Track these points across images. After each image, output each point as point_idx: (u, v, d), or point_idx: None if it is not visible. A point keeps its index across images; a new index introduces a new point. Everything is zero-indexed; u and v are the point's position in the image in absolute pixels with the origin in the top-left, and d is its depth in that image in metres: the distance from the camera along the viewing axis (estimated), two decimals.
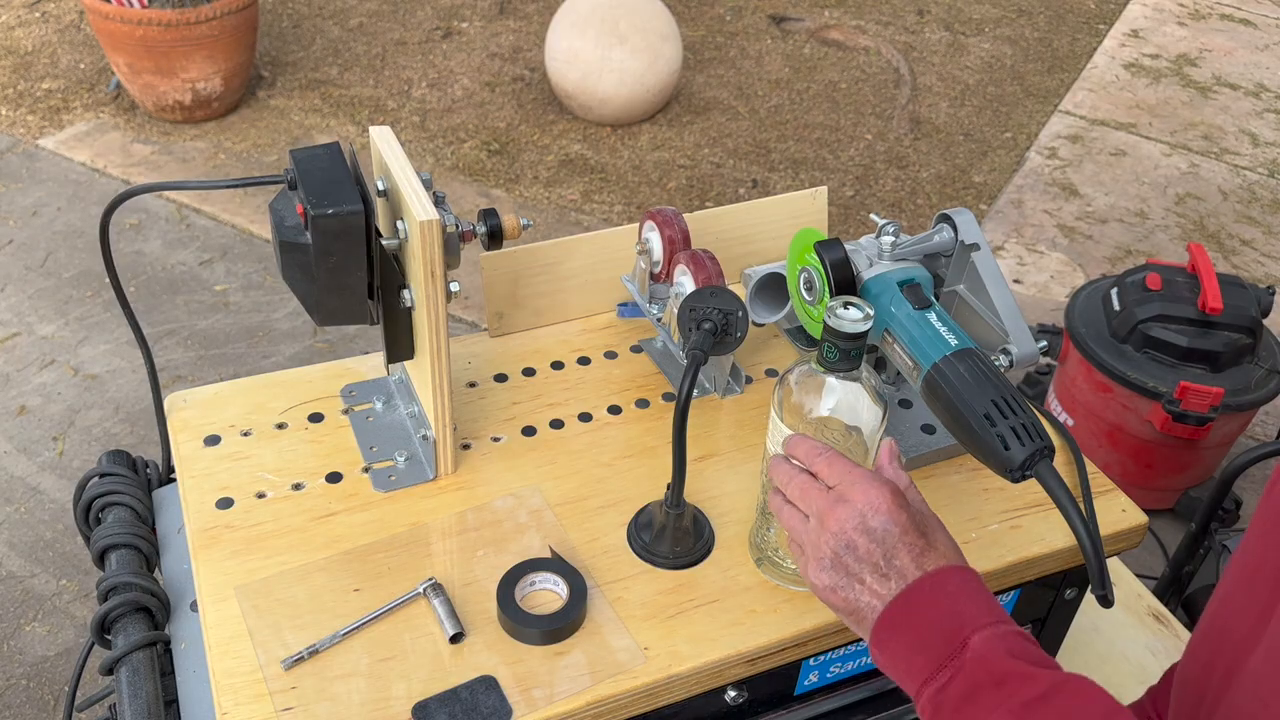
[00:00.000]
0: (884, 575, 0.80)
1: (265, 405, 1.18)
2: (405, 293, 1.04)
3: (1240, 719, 0.69)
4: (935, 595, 0.75)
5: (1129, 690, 1.25)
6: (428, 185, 0.99)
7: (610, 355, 1.29)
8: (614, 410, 1.21)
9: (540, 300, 1.29)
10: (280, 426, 1.16)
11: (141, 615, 1.01)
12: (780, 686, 1.05)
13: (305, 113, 3.75)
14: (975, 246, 1.11)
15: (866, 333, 0.89)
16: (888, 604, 0.77)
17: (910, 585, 0.76)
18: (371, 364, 1.24)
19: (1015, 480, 0.92)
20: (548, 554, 1.03)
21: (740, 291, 1.26)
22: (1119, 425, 2.29)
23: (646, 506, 1.07)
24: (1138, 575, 1.51)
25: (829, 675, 1.07)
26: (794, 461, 0.90)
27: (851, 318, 0.88)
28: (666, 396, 1.24)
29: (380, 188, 1.04)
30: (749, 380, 1.26)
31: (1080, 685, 0.69)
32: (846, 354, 0.90)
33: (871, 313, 0.89)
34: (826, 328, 0.89)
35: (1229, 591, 0.80)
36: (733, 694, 1.01)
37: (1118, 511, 1.13)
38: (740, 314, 1.07)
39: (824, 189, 1.37)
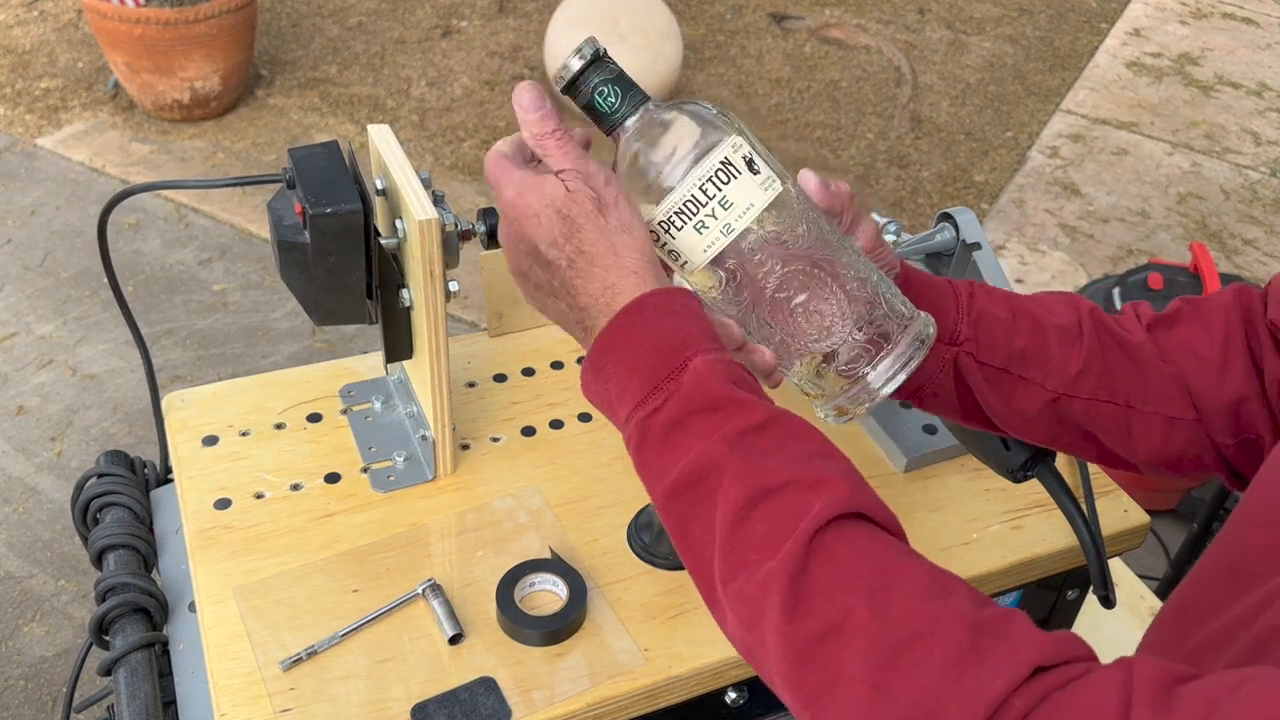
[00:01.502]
0: (554, 296, 0.71)
1: (264, 405, 1.18)
2: (404, 292, 1.03)
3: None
4: (658, 314, 0.66)
5: None
6: (427, 184, 0.98)
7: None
8: None
9: None
10: (279, 427, 1.16)
11: (140, 616, 1.01)
12: None
13: (304, 112, 3.74)
14: (977, 246, 1.11)
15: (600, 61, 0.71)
16: (603, 326, 0.67)
17: (634, 301, 0.66)
18: (370, 364, 1.24)
19: (1017, 480, 0.91)
20: (547, 555, 1.02)
21: None
22: None
23: (646, 507, 1.06)
24: (1140, 576, 1.51)
25: None
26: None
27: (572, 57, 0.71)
28: None
29: (379, 187, 1.03)
30: None
31: (796, 419, 0.63)
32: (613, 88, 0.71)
33: (593, 43, 0.71)
34: (564, 93, 0.73)
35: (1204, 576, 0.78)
36: (733, 695, 1.00)
37: (1120, 512, 1.13)
38: None
39: None
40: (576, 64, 0.72)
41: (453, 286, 0.99)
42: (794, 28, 4.44)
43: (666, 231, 0.72)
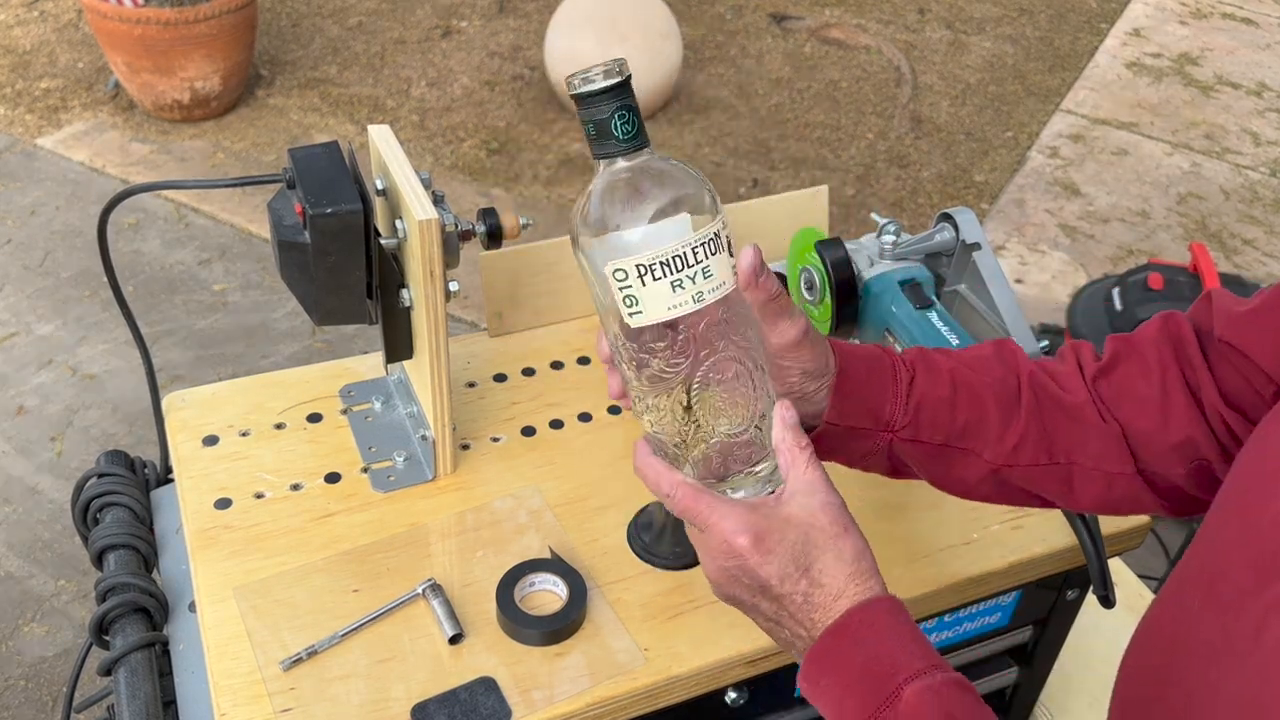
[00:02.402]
0: (776, 623, 0.73)
1: (264, 405, 1.18)
2: (404, 292, 1.03)
3: None
4: (862, 633, 0.68)
5: None
6: (427, 184, 0.98)
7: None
8: (614, 410, 1.21)
9: (540, 300, 1.29)
10: (279, 427, 1.16)
11: (140, 616, 1.01)
12: (780, 688, 1.05)
13: (304, 112, 3.75)
14: (976, 246, 1.11)
15: (623, 86, 0.67)
16: (815, 640, 0.69)
17: (838, 621, 0.68)
18: (370, 364, 1.24)
19: None
20: (547, 555, 1.02)
21: None
22: None
23: (646, 507, 1.06)
24: (1140, 576, 1.51)
25: None
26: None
27: (595, 72, 0.68)
28: None
29: (379, 187, 1.03)
30: None
31: None
32: (623, 120, 0.68)
33: (622, 63, 0.67)
34: (579, 100, 0.69)
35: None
36: (733, 695, 1.00)
37: None
38: None
39: (825, 188, 1.36)
40: (606, 80, 0.69)
41: (453, 286, 0.99)
42: (794, 28, 4.44)
43: (639, 276, 0.69)
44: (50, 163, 3.46)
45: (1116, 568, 1.47)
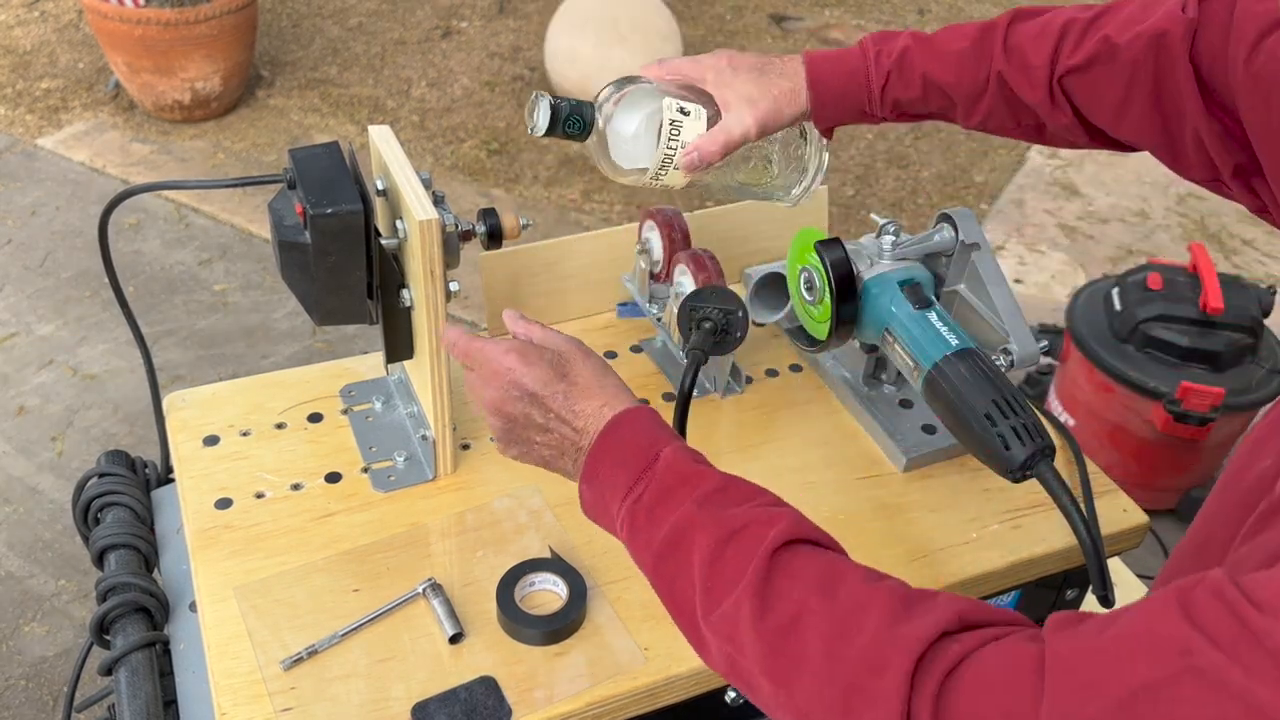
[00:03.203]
0: (546, 429, 0.86)
1: (264, 405, 1.18)
2: (404, 292, 1.03)
3: None
4: (633, 426, 0.82)
5: None
6: (427, 185, 0.98)
7: (610, 355, 1.28)
8: None
9: (540, 300, 1.29)
10: (279, 426, 1.16)
11: (140, 616, 1.01)
12: None
13: (304, 112, 3.75)
14: (976, 246, 1.11)
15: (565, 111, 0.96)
16: (594, 441, 0.83)
17: (611, 420, 0.83)
18: (371, 364, 1.24)
19: (1016, 480, 0.91)
20: (547, 554, 1.02)
21: (740, 291, 1.26)
22: (1120, 425, 2.29)
23: None
24: (1139, 576, 1.51)
25: None
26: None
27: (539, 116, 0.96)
28: (666, 396, 1.23)
29: (379, 187, 1.04)
30: (749, 380, 1.25)
31: (746, 481, 0.78)
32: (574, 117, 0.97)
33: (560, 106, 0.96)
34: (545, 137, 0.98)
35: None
36: (732, 695, 1.00)
37: (1119, 512, 1.13)
38: (740, 314, 1.07)
39: (824, 188, 1.36)
40: (543, 124, 0.96)
41: (453, 286, 0.99)
42: (794, 28, 4.44)
43: (657, 178, 1.00)
44: (51, 163, 3.46)
45: (1116, 567, 1.48)
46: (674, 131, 0.97)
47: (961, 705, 0.57)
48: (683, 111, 0.97)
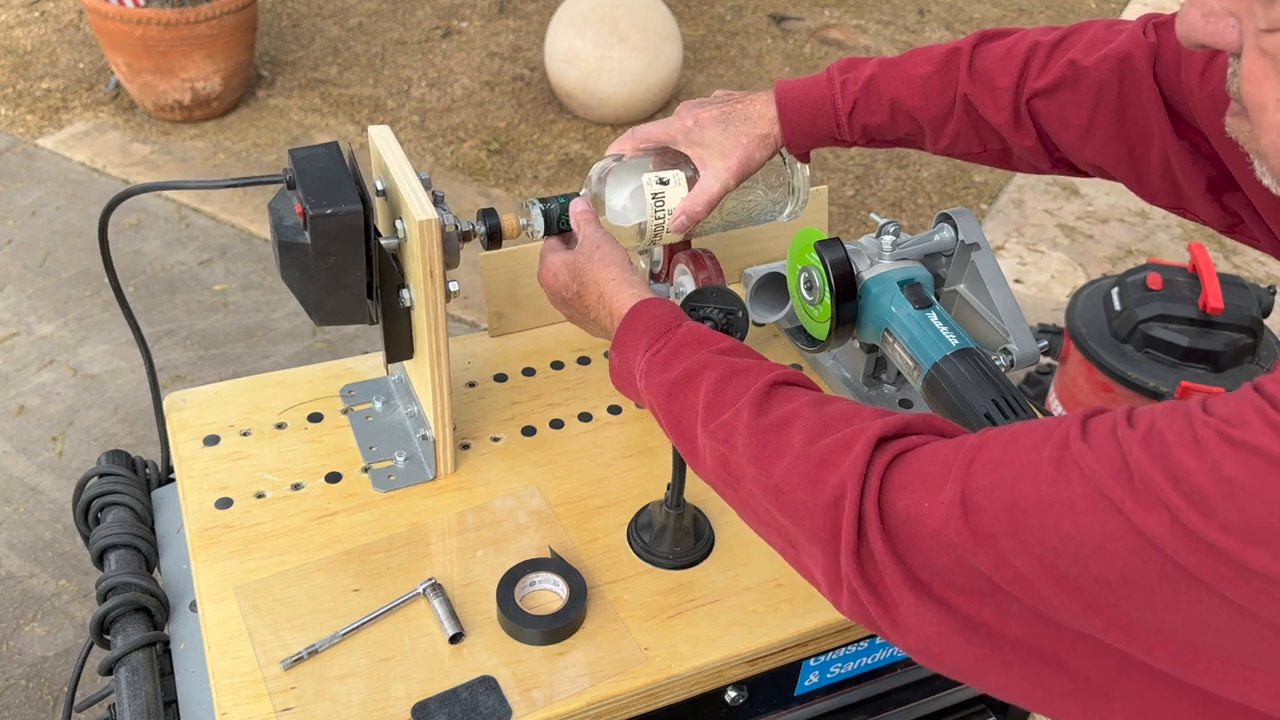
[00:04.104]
0: (579, 320, 1.04)
1: (265, 405, 1.18)
2: (404, 292, 1.04)
3: None
4: (660, 306, 0.93)
5: None
6: (426, 185, 0.99)
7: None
8: (614, 410, 1.21)
9: (540, 300, 1.29)
10: (280, 426, 1.16)
11: (141, 615, 1.01)
12: (780, 687, 1.05)
13: (305, 112, 3.75)
14: (976, 246, 1.11)
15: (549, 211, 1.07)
16: (623, 317, 0.93)
17: (641, 302, 0.94)
18: (371, 364, 1.24)
19: None
20: (547, 554, 1.02)
21: (740, 291, 1.26)
22: None
23: (646, 506, 1.06)
24: None
25: (829, 676, 1.07)
26: None
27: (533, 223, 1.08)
28: None
29: (379, 187, 1.04)
30: None
31: (753, 352, 0.88)
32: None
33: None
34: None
35: None
36: (733, 694, 1.01)
37: None
38: (740, 314, 1.07)
39: (824, 188, 1.37)
40: (539, 227, 1.08)
41: (453, 287, 0.99)
42: (794, 28, 4.44)
43: (654, 243, 1.11)
44: (51, 163, 3.46)
45: None
46: (658, 203, 1.06)
47: (905, 466, 0.70)
48: (662, 182, 1.06)
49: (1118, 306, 2.27)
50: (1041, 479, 0.62)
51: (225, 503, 1.07)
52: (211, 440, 1.14)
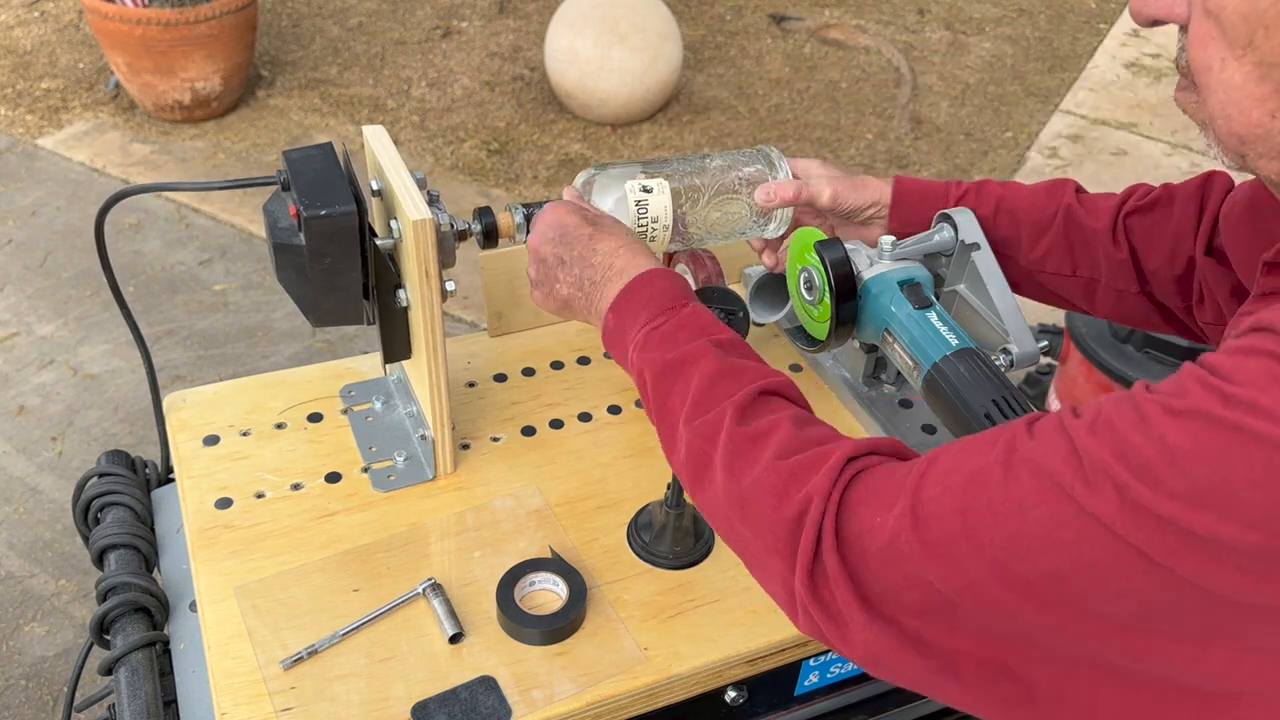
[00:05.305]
0: (568, 266, 0.96)
1: (264, 405, 1.18)
2: (401, 292, 1.03)
3: None
4: (670, 280, 0.92)
5: None
6: (421, 184, 0.98)
7: (610, 355, 1.28)
8: (614, 410, 1.21)
9: None
10: (279, 426, 1.16)
11: (140, 615, 1.01)
12: (780, 687, 1.05)
13: (304, 112, 3.75)
14: (976, 246, 1.11)
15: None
16: (630, 280, 0.92)
17: (648, 270, 0.92)
18: (371, 364, 1.24)
19: None
20: (547, 554, 1.02)
21: (740, 291, 1.26)
22: None
23: (646, 506, 1.06)
24: None
25: (829, 676, 1.07)
26: None
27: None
28: None
29: (375, 187, 1.04)
30: None
31: (752, 351, 0.88)
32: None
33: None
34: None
35: None
36: (733, 694, 1.00)
37: None
38: (740, 314, 1.07)
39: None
40: (524, 237, 1.05)
41: (449, 286, 0.99)
42: (794, 28, 4.44)
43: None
44: (51, 163, 3.46)
45: None
46: (641, 210, 1.06)
47: (862, 483, 0.71)
48: (645, 189, 1.07)
49: None
50: (991, 481, 0.63)
51: (225, 503, 1.07)
52: (211, 440, 1.14)
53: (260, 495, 1.08)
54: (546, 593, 0.99)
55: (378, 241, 1.00)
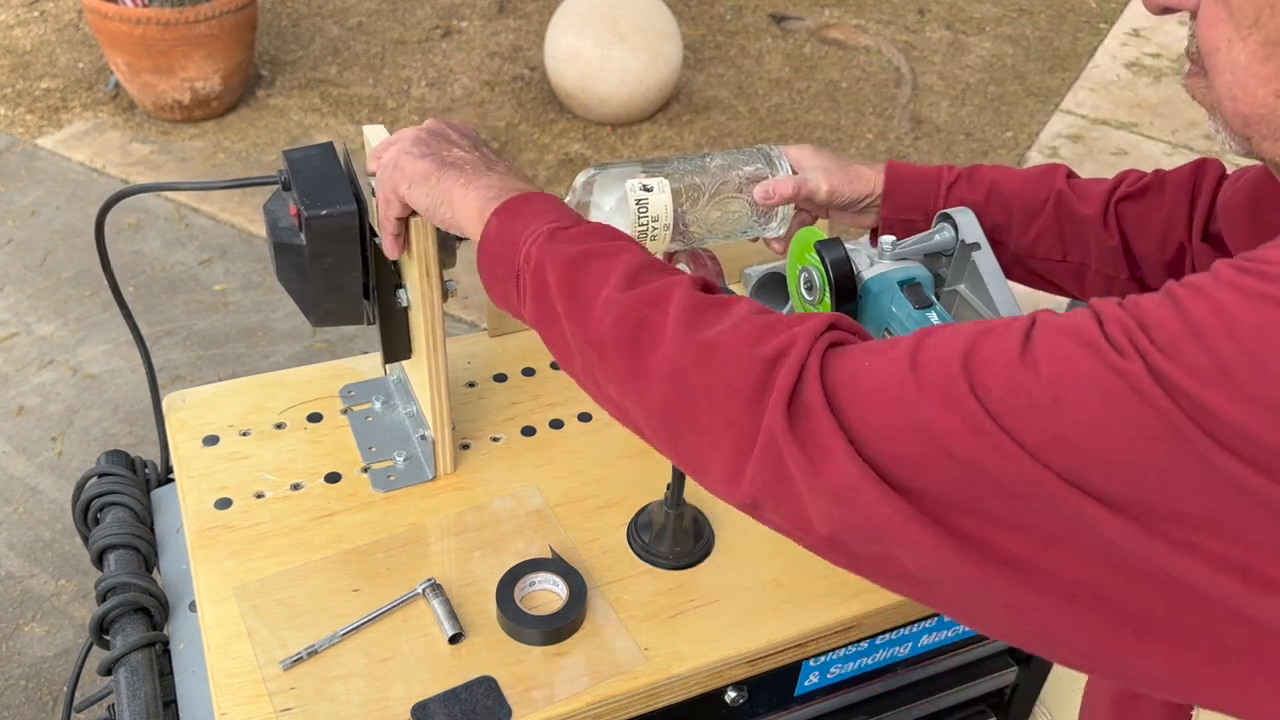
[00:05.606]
0: (459, 145, 0.91)
1: (264, 405, 1.18)
2: (401, 292, 1.03)
3: None
4: (565, 205, 0.86)
5: None
6: None
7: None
8: None
9: None
10: (279, 426, 1.16)
11: (140, 615, 1.01)
12: (780, 687, 1.05)
13: (304, 112, 3.75)
14: (976, 246, 1.11)
15: None
16: (523, 190, 0.86)
17: (526, 192, 0.86)
18: (370, 364, 1.24)
19: None
20: (547, 554, 1.02)
21: (740, 291, 1.26)
22: None
23: (646, 506, 1.06)
24: None
25: (829, 676, 1.07)
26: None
27: None
28: None
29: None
30: None
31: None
32: None
33: None
34: None
35: None
36: (733, 695, 1.00)
37: None
38: None
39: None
40: None
41: (450, 286, 0.99)
42: (794, 28, 4.44)
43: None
44: (51, 163, 3.46)
45: None
46: (641, 209, 1.06)
47: (852, 347, 0.67)
48: (645, 189, 1.06)
49: None
50: (1006, 338, 0.60)
51: (225, 503, 1.07)
52: (211, 440, 1.14)
53: (260, 495, 1.08)
54: (546, 593, 0.99)
55: (378, 241, 0.99)
